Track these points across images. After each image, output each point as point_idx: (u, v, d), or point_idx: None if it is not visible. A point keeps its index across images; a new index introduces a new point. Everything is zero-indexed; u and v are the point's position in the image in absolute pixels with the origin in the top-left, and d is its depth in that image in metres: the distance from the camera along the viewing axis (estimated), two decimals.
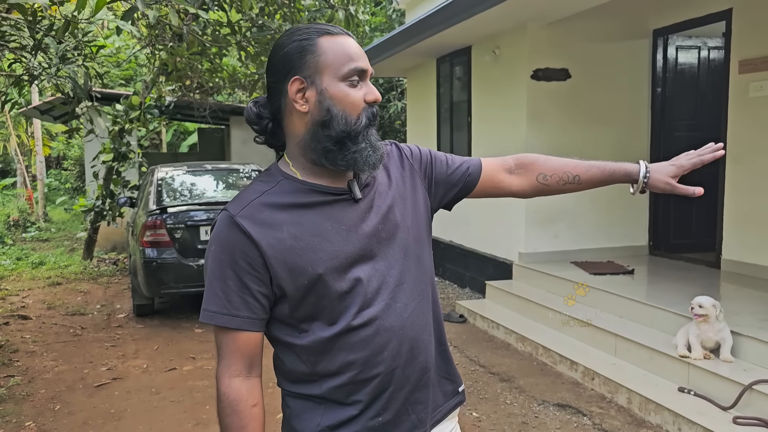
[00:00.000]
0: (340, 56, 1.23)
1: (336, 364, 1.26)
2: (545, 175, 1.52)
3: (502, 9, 5.20)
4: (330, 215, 1.26)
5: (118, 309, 6.66)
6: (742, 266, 5.24)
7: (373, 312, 1.26)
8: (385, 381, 1.28)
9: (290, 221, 1.24)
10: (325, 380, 1.28)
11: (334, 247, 1.24)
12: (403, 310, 1.30)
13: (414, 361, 1.31)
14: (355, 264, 1.26)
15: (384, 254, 1.30)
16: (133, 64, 15.13)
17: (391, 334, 1.27)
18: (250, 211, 1.24)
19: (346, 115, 1.23)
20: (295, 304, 1.25)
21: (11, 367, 4.83)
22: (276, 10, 6.32)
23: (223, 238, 1.24)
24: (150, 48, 7.23)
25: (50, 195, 19.01)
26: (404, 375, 1.30)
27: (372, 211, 1.30)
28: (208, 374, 4.61)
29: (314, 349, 1.26)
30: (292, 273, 1.22)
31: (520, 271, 6.11)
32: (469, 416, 3.78)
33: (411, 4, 9.95)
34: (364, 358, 1.26)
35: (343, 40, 1.25)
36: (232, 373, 1.24)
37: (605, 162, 1.55)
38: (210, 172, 7.21)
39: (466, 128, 7.20)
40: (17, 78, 5.34)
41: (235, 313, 1.23)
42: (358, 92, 1.25)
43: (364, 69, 1.25)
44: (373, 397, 1.28)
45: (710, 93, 6.23)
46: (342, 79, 1.23)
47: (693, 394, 3.62)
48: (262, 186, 1.29)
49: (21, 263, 9.35)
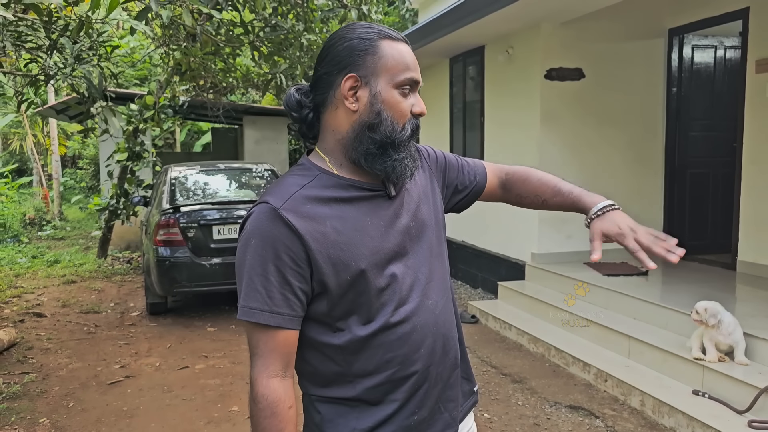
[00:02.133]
0: (399, 63, 1.24)
1: (373, 363, 1.24)
2: (521, 196, 1.57)
3: (515, 9, 5.18)
4: (369, 211, 1.26)
5: (131, 307, 6.71)
6: (758, 268, 5.17)
7: (409, 309, 1.26)
8: (421, 378, 1.27)
9: (333, 215, 1.22)
10: (360, 380, 1.25)
11: (374, 243, 1.24)
12: (434, 307, 1.31)
13: (446, 358, 1.32)
14: (392, 260, 1.26)
15: (414, 251, 1.31)
16: (148, 64, 15.23)
17: (426, 331, 1.28)
18: (293, 204, 1.21)
19: (394, 122, 1.23)
20: (335, 301, 1.22)
21: (26, 364, 4.88)
22: (289, 10, 6.34)
23: (265, 231, 1.19)
24: (164, 48, 7.28)
25: (66, 194, 19.20)
26: (438, 372, 1.30)
27: (404, 209, 1.31)
28: (220, 373, 4.63)
29: (350, 349, 1.24)
30: (335, 268, 1.20)
31: (533, 272, 6.08)
32: (481, 417, 3.76)
33: (424, 4, 9.94)
34: (402, 356, 1.25)
35: (403, 47, 1.26)
36: (270, 373, 1.20)
37: (576, 193, 1.49)
38: (223, 171, 7.24)
39: (478, 128, 7.18)
40: (33, 78, 5.40)
41: (276, 310, 1.19)
42: (408, 102, 1.25)
43: (417, 80, 1.26)
44: (410, 395, 1.26)
45: (726, 93, 6.16)
46: (396, 86, 1.23)
47: (707, 397, 3.58)
48: (300, 179, 1.26)
49: (36, 261, 9.45)
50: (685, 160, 6.26)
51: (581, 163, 6.10)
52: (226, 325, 5.98)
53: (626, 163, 6.24)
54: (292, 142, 14.06)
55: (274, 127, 12.40)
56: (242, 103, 12.61)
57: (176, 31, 6.43)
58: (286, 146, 12.57)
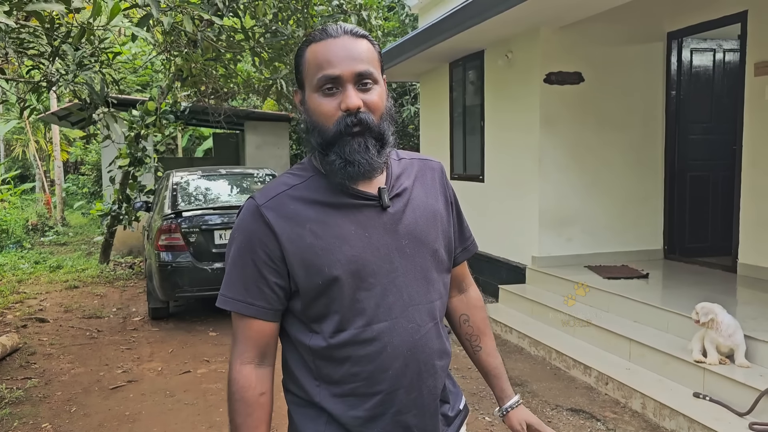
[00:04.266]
0: (313, 66, 1.22)
1: (340, 373, 1.25)
2: (460, 322, 1.55)
3: (515, 13, 5.20)
4: (355, 219, 1.24)
5: (133, 312, 6.73)
6: (759, 270, 5.18)
7: (383, 327, 1.23)
8: (387, 399, 1.25)
9: (315, 218, 1.23)
10: (326, 386, 1.27)
11: (353, 252, 1.22)
12: (414, 331, 1.26)
13: (422, 385, 1.27)
14: (374, 274, 1.23)
15: (405, 270, 1.26)
16: (149, 70, 15.30)
17: (398, 353, 1.24)
18: (275, 203, 1.24)
19: (320, 125, 1.22)
20: (307, 302, 1.24)
21: (29, 369, 4.90)
22: (289, 16, 6.37)
23: (246, 226, 1.25)
24: (165, 54, 7.31)
25: (68, 199, 19.25)
26: (410, 398, 1.26)
27: (401, 224, 1.27)
28: (222, 377, 4.64)
29: (319, 353, 1.26)
30: (308, 270, 1.22)
31: (534, 275, 6.08)
32: (482, 420, 3.77)
33: (424, 9, 9.98)
34: (368, 372, 1.23)
35: (323, 45, 1.22)
36: (244, 360, 1.26)
37: (501, 372, 1.54)
38: (224, 176, 7.27)
39: (479, 132, 7.20)
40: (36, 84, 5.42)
41: (251, 301, 1.24)
42: (332, 101, 1.21)
43: (334, 76, 1.20)
44: (374, 414, 1.25)
45: (725, 96, 6.18)
46: (316, 89, 1.22)
47: (708, 399, 3.59)
48: (291, 179, 1.29)
49: (39, 267, 9.47)
50: (684, 163, 6.27)
51: (581, 166, 6.12)
52: (227, 329, 5.99)
53: (626, 167, 6.25)
54: (294, 147, 14.09)
55: (276, 132, 12.44)
56: (243, 109, 12.66)
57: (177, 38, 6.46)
58: (287, 151, 12.60)
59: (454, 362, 4.83)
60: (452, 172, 7.98)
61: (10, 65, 5.93)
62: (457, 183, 7.83)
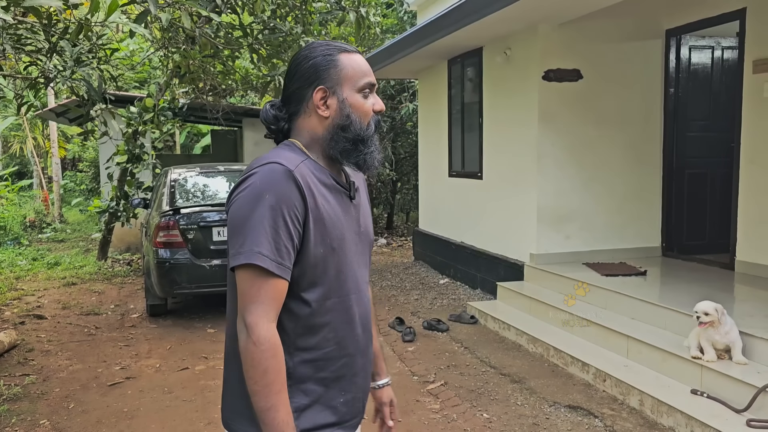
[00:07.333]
0: (357, 72, 1.43)
1: (316, 338, 1.39)
2: None
3: (513, 10, 5.19)
4: (340, 202, 1.44)
5: (131, 309, 6.73)
6: (756, 268, 5.19)
7: (353, 298, 1.45)
8: (349, 362, 1.44)
9: (322, 193, 1.39)
10: (299, 353, 1.38)
11: (342, 230, 1.41)
12: (368, 304, 1.52)
13: (367, 352, 1.51)
14: (350, 251, 1.44)
15: (359, 251, 1.49)
16: (147, 66, 15.27)
17: (360, 321, 1.47)
18: (301, 171, 1.35)
19: (361, 121, 1.43)
20: (305, 269, 1.35)
21: (27, 366, 4.90)
22: (287, 13, 6.36)
23: (280, 188, 1.31)
24: (163, 51, 7.29)
25: (66, 196, 19.22)
26: (361, 363, 1.48)
27: (360, 213, 1.51)
28: (220, 374, 4.63)
29: (303, 320, 1.37)
30: (317, 239, 1.35)
31: (532, 272, 6.09)
32: (480, 417, 3.78)
33: (422, 6, 9.96)
34: (339, 337, 1.42)
35: (359, 57, 1.46)
36: (270, 318, 1.30)
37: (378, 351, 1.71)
38: (223, 173, 7.26)
39: (477, 130, 7.19)
40: (33, 81, 5.41)
41: (281, 261, 1.30)
42: (369, 102, 1.45)
43: (374, 83, 1.47)
44: (339, 375, 1.42)
45: (724, 93, 6.18)
46: (359, 90, 1.43)
47: (706, 396, 3.59)
48: (297, 155, 1.40)
49: (37, 264, 9.46)
50: (683, 160, 6.27)
51: (579, 163, 6.12)
52: (225, 326, 5.99)
53: (624, 164, 6.26)
54: None
55: None
56: (241, 106, 12.62)
57: (175, 34, 6.44)
58: None
59: (453, 360, 4.83)
60: (450, 170, 7.98)
61: (7, 61, 5.91)
62: (456, 180, 7.83)
